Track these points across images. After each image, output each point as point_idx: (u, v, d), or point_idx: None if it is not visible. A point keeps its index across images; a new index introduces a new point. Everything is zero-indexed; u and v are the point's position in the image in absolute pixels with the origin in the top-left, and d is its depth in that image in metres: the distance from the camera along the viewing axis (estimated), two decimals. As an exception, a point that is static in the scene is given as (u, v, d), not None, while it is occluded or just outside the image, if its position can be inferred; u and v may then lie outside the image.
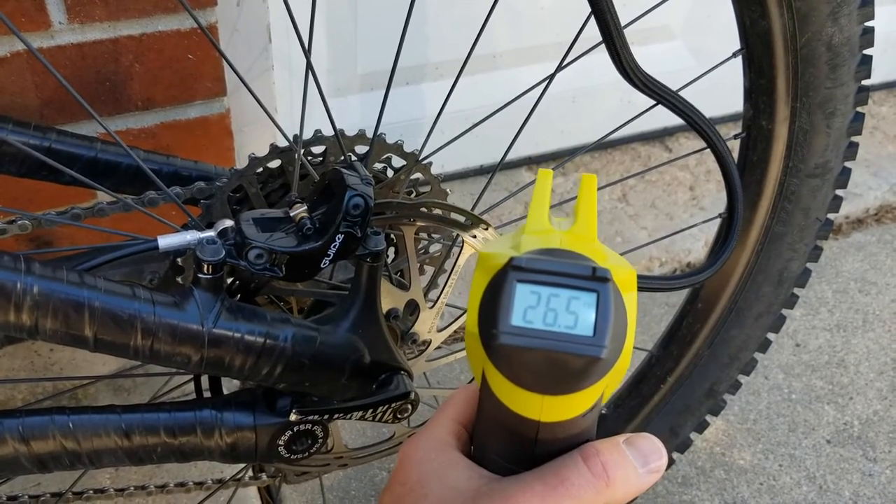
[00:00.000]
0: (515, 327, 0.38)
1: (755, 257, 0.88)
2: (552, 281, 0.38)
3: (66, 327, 0.52)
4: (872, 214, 1.66)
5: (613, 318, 0.38)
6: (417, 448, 0.46)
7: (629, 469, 0.42)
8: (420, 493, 0.43)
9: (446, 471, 0.44)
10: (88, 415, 0.59)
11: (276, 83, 1.12)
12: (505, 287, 0.38)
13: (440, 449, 0.46)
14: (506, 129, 0.83)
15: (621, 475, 0.41)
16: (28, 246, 0.99)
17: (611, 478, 0.41)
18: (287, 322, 0.60)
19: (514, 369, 0.39)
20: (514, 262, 0.38)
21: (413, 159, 0.73)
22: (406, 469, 0.45)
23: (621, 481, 0.41)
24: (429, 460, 0.45)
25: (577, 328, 0.37)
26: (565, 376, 0.38)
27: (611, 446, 0.42)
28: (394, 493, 0.45)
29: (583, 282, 0.38)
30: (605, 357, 0.37)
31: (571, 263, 0.39)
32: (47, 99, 0.87)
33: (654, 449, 0.43)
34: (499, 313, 0.38)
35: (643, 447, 0.43)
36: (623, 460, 0.42)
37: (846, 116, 0.81)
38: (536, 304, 0.38)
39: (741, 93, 0.82)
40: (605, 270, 0.38)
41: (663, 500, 1.17)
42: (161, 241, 0.57)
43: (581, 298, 0.38)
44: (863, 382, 1.34)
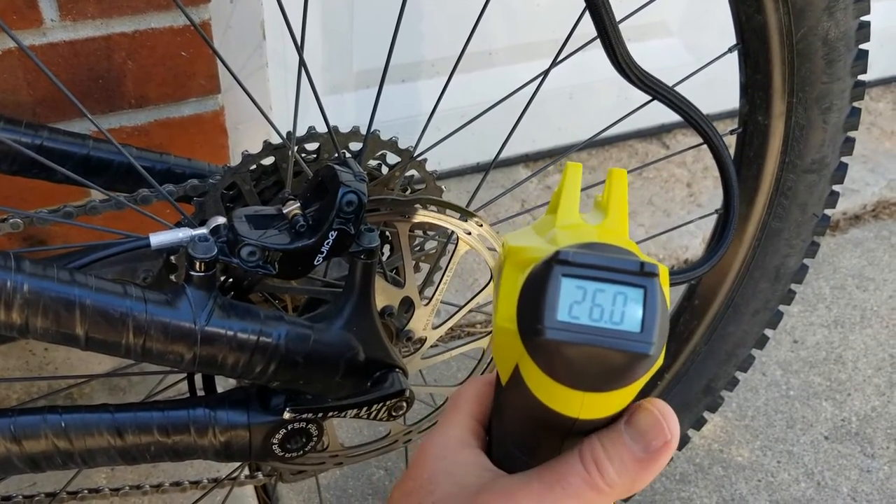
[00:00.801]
0: (561, 322, 0.37)
1: (752, 253, 0.88)
2: (598, 276, 0.37)
3: (56, 326, 0.52)
4: (870, 210, 1.65)
5: (660, 313, 0.37)
6: (433, 444, 0.46)
7: (628, 459, 0.40)
8: (428, 489, 0.43)
9: (458, 468, 0.44)
10: (81, 414, 0.59)
11: (271, 80, 1.12)
12: (550, 281, 0.37)
13: (456, 446, 0.45)
14: (502, 126, 0.83)
15: (618, 468, 0.40)
16: (20, 245, 0.98)
17: (607, 474, 0.40)
18: (280, 320, 0.59)
19: (556, 366, 0.38)
20: (561, 255, 0.37)
21: (407, 156, 0.72)
22: (420, 465, 0.45)
23: (620, 473, 0.40)
24: (442, 457, 0.44)
25: (624, 324, 0.37)
26: (610, 373, 0.37)
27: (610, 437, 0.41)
28: (404, 488, 0.45)
29: (630, 277, 0.37)
30: (653, 353, 0.37)
31: (618, 258, 0.38)
32: (40, 97, 0.87)
33: (652, 425, 0.40)
34: (543, 308, 0.37)
35: (642, 425, 0.40)
36: (621, 450, 0.40)
37: (843, 111, 0.80)
38: (582, 300, 0.37)
39: (737, 89, 0.81)
40: (653, 265, 0.37)
41: (661, 497, 1.17)
42: (153, 238, 0.57)
43: (628, 294, 0.37)
44: (860, 379, 1.34)
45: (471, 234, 0.67)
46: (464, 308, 0.71)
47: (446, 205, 0.66)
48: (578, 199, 0.44)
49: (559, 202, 0.44)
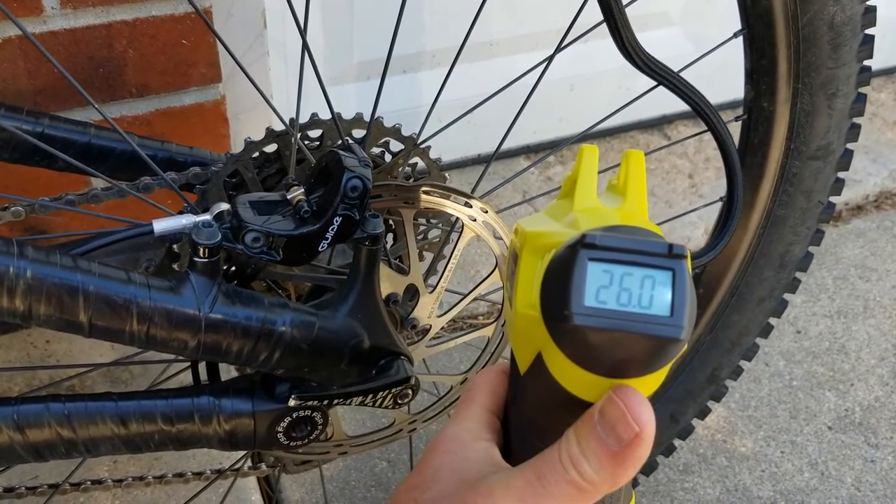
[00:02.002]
0: (589, 308, 0.36)
1: (757, 241, 0.87)
2: (625, 259, 0.36)
3: (60, 312, 0.51)
4: (872, 201, 1.65)
5: (689, 296, 0.36)
6: (444, 438, 0.45)
7: (603, 454, 0.38)
8: (429, 484, 0.43)
9: (463, 463, 0.43)
10: (84, 402, 0.58)
11: (272, 69, 1.11)
12: (576, 265, 0.36)
13: (466, 440, 0.44)
14: (503, 118, 0.82)
15: (594, 464, 0.38)
16: (22, 234, 0.98)
17: (584, 471, 0.38)
18: (285, 307, 0.59)
19: (583, 352, 0.37)
20: (587, 238, 0.36)
21: (411, 143, 0.72)
22: (428, 459, 0.44)
23: (597, 470, 0.38)
24: (451, 452, 0.44)
25: (654, 308, 0.36)
26: (639, 359, 0.37)
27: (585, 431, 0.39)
28: (409, 482, 0.44)
29: (658, 259, 0.36)
30: (683, 337, 0.36)
31: (645, 241, 0.37)
32: (40, 86, 0.86)
33: (619, 417, 0.38)
34: (570, 293, 0.36)
35: (610, 417, 0.38)
36: (596, 445, 0.38)
37: (848, 97, 0.80)
38: (609, 284, 0.36)
39: (739, 79, 0.81)
40: (681, 247, 0.36)
41: (665, 487, 1.17)
42: (156, 224, 0.56)
43: (656, 277, 0.36)
44: (864, 369, 1.34)
45: (476, 220, 0.67)
46: (469, 296, 0.71)
47: (451, 190, 0.65)
48: (596, 183, 0.44)
49: (576, 186, 0.43)
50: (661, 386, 1.00)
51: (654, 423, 0.38)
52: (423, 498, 0.42)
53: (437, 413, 0.76)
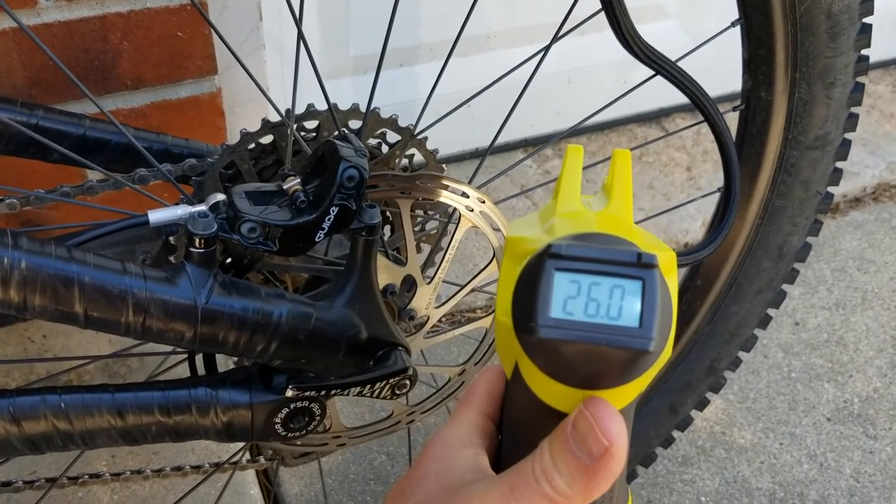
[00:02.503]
0: (555, 319, 0.35)
1: (755, 232, 0.87)
2: (593, 269, 0.36)
3: (55, 303, 0.51)
4: (870, 193, 1.65)
5: (660, 306, 0.35)
6: (435, 443, 0.45)
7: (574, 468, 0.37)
8: (414, 489, 0.42)
9: (449, 470, 0.43)
10: (81, 394, 0.58)
11: (268, 62, 1.11)
12: (543, 276, 0.36)
13: (456, 445, 0.44)
14: (500, 111, 0.82)
15: (567, 478, 0.37)
16: (17, 227, 0.97)
17: (556, 484, 0.38)
18: (282, 297, 0.59)
19: (553, 364, 0.37)
20: (553, 248, 0.36)
21: (408, 134, 0.71)
22: (418, 464, 0.44)
23: (570, 484, 0.37)
24: (439, 458, 0.44)
25: (622, 319, 0.35)
26: (609, 371, 0.36)
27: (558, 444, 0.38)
28: (399, 486, 0.44)
29: (627, 269, 0.36)
30: (653, 349, 0.35)
31: (614, 249, 0.36)
32: (35, 78, 0.86)
33: (588, 431, 0.37)
34: (536, 304, 0.35)
35: (582, 430, 0.37)
36: (568, 459, 0.37)
37: (846, 87, 0.79)
38: (577, 294, 0.36)
39: (735, 73, 0.80)
40: (651, 256, 0.36)
41: (663, 479, 1.17)
42: (152, 215, 0.56)
43: (625, 287, 0.35)
44: (862, 360, 1.34)
45: (473, 210, 0.66)
46: (466, 287, 0.71)
47: (448, 180, 0.65)
48: (580, 184, 0.43)
49: (559, 188, 0.43)
50: (659, 377, 1.00)
51: (625, 436, 0.37)
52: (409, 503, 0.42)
53: (435, 405, 0.76)
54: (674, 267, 0.39)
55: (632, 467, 1.06)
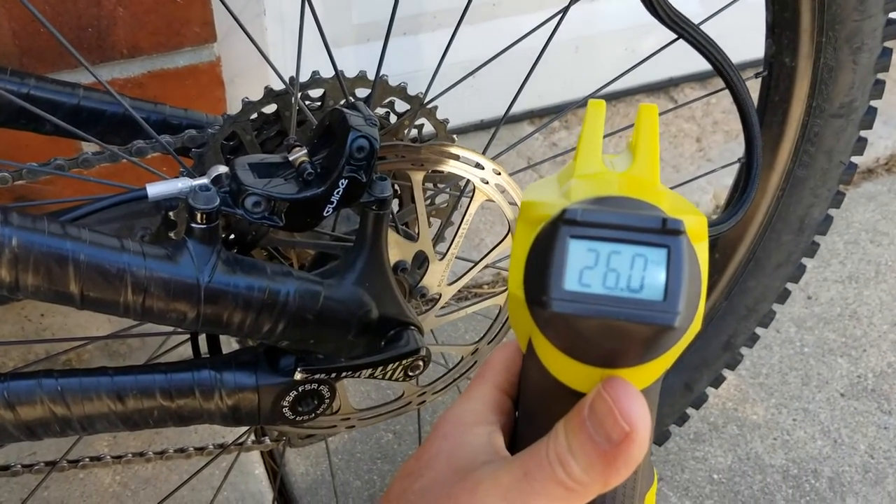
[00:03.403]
0: (570, 293, 0.32)
1: (775, 204, 0.84)
2: (613, 236, 0.32)
3: (49, 283, 0.48)
4: (883, 164, 1.62)
5: (687, 277, 0.32)
6: (446, 420, 0.42)
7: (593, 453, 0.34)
8: (423, 471, 0.40)
9: (460, 450, 0.40)
10: (78, 378, 0.55)
11: (268, 30, 1.07)
12: (556, 244, 0.32)
13: (469, 423, 0.41)
14: (506, 81, 0.78)
15: (583, 464, 0.34)
16: (9, 202, 0.94)
17: (572, 471, 0.35)
18: (289, 275, 0.56)
19: (568, 341, 0.34)
20: (567, 214, 0.32)
21: (417, 103, 0.68)
22: (428, 443, 0.41)
23: (586, 470, 0.34)
24: (447, 437, 0.41)
25: (645, 292, 0.32)
26: (630, 348, 0.33)
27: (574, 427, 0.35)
28: (407, 466, 0.41)
29: (650, 236, 0.32)
30: (678, 325, 0.32)
31: (636, 214, 0.33)
32: (26, 47, 0.83)
33: (606, 414, 0.34)
34: (550, 276, 0.32)
35: (600, 412, 0.34)
36: (585, 443, 0.34)
37: (873, 52, 0.76)
38: (595, 264, 0.32)
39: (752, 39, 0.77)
40: (678, 221, 0.32)
41: (675, 457, 1.15)
42: (150, 189, 0.53)
43: (648, 256, 0.32)
44: (876, 334, 1.31)
45: (488, 183, 0.63)
46: (480, 263, 0.68)
47: (462, 150, 0.62)
48: (601, 142, 0.39)
49: (578, 147, 0.39)
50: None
51: (647, 420, 0.34)
52: (414, 488, 0.39)
53: (446, 385, 0.74)
54: (704, 233, 0.35)
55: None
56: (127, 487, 1.04)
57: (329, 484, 1.08)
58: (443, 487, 0.38)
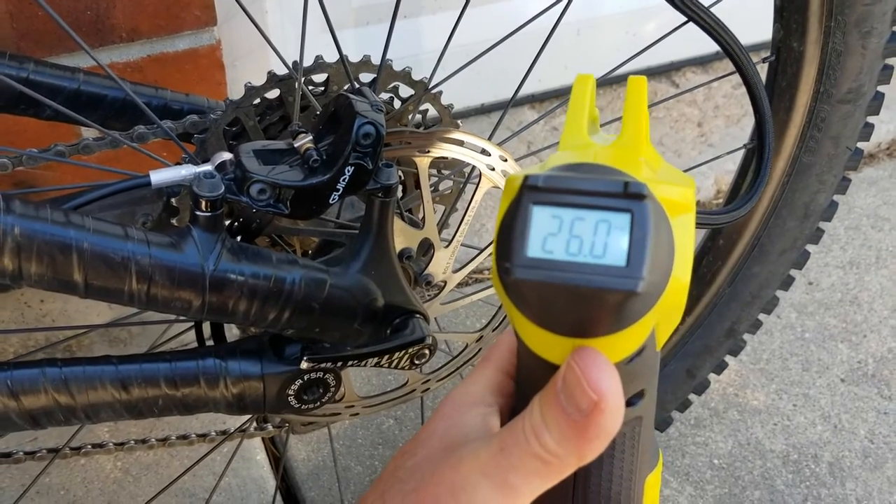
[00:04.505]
0: (532, 259, 0.32)
1: (781, 190, 0.84)
2: (576, 202, 0.32)
3: (52, 272, 0.47)
4: (885, 149, 1.61)
5: (652, 242, 0.31)
6: (448, 401, 0.42)
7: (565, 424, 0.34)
8: (418, 449, 0.40)
9: (455, 430, 0.40)
10: (82, 366, 0.55)
11: (269, 12, 1.06)
12: (520, 212, 0.32)
13: (468, 404, 0.41)
14: (506, 65, 0.77)
15: (556, 436, 0.34)
16: (9, 189, 0.93)
17: (546, 443, 0.35)
18: (294, 263, 0.55)
19: (536, 309, 0.33)
20: (529, 180, 0.32)
21: (422, 87, 0.67)
22: (428, 424, 0.42)
23: (560, 442, 0.34)
24: (448, 416, 0.41)
25: (607, 257, 0.31)
26: (598, 316, 0.32)
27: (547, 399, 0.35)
28: (405, 446, 0.42)
29: (612, 200, 0.32)
30: (643, 290, 0.31)
31: (598, 179, 0.32)
32: (24, 30, 0.81)
33: (575, 384, 0.33)
34: (513, 244, 0.32)
35: (569, 382, 0.34)
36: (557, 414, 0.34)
37: (882, 36, 0.76)
38: (558, 231, 0.32)
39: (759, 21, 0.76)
40: (641, 185, 0.31)
41: (676, 442, 1.15)
42: (153, 176, 0.52)
43: (612, 221, 0.31)
44: (877, 320, 1.31)
45: (494, 169, 0.63)
46: (486, 250, 0.67)
47: (469, 136, 0.61)
48: (586, 115, 0.39)
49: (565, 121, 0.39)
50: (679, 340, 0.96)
51: (618, 390, 0.33)
52: (406, 466, 0.40)
53: (450, 373, 0.73)
54: (688, 204, 0.35)
55: (647, 431, 1.04)
56: (128, 474, 1.04)
57: (331, 469, 1.08)
58: (429, 465, 0.38)
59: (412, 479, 0.39)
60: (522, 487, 0.35)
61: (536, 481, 0.35)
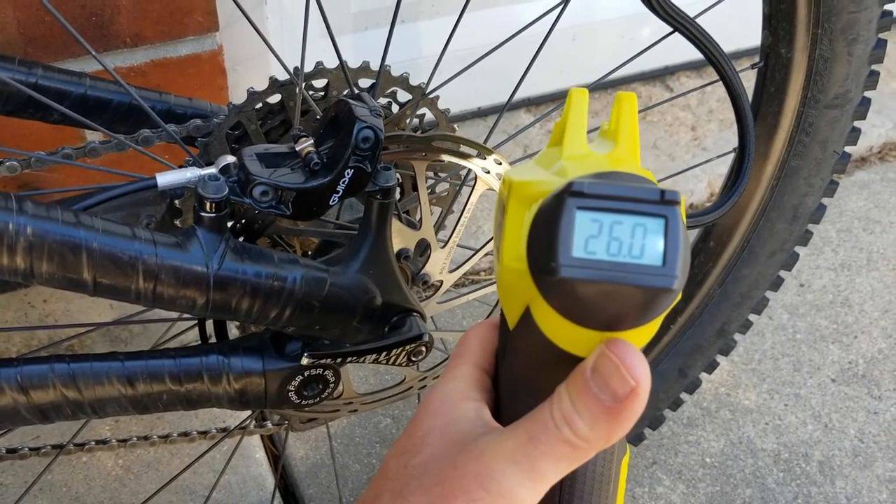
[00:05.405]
0: (577, 259, 0.34)
1: (770, 193, 0.86)
2: (615, 207, 0.35)
3: (63, 270, 0.49)
4: (876, 153, 1.63)
5: (683, 244, 0.35)
6: (433, 399, 0.44)
7: (597, 410, 0.37)
8: (419, 447, 0.41)
9: (452, 425, 0.42)
10: (90, 362, 0.56)
11: (269, 18, 1.08)
12: (563, 215, 0.35)
13: (455, 400, 0.43)
14: (502, 69, 0.79)
15: (588, 421, 0.37)
16: (18, 190, 0.95)
17: (578, 429, 0.37)
18: (295, 263, 0.57)
19: (572, 305, 0.36)
20: (575, 186, 0.35)
21: (419, 93, 0.69)
22: (418, 421, 0.43)
23: (592, 427, 0.37)
24: (440, 413, 0.43)
25: (645, 258, 0.35)
26: (630, 311, 0.36)
27: (578, 387, 0.37)
28: (400, 444, 0.43)
29: (649, 206, 0.35)
30: (676, 287, 0.35)
31: (636, 187, 0.35)
32: (31, 35, 0.83)
33: (613, 372, 0.36)
34: (557, 244, 0.35)
35: (604, 372, 0.37)
36: (589, 401, 0.37)
37: (868, 43, 0.77)
38: (598, 234, 0.35)
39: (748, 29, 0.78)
40: (674, 193, 0.35)
41: (668, 441, 1.17)
42: (160, 178, 0.54)
43: (647, 225, 0.35)
44: (867, 321, 1.33)
45: (489, 172, 0.64)
46: (482, 250, 0.69)
47: (464, 141, 0.63)
48: (585, 128, 0.42)
49: (565, 132, 0.41)
50: (670, 340, 0.98)
51: (649, 376, 0.37)
52: (413, 463, 0.41)
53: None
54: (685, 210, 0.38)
55: (639, 429, 1.05)
56: (129, 471, 1.06)
57: (329, 467, 1.09)
58: (445, 459, 0.40)
59: (429, 474, 0.40)
60: (550, 472, 0.38)
61: (563, 465, 0.38)
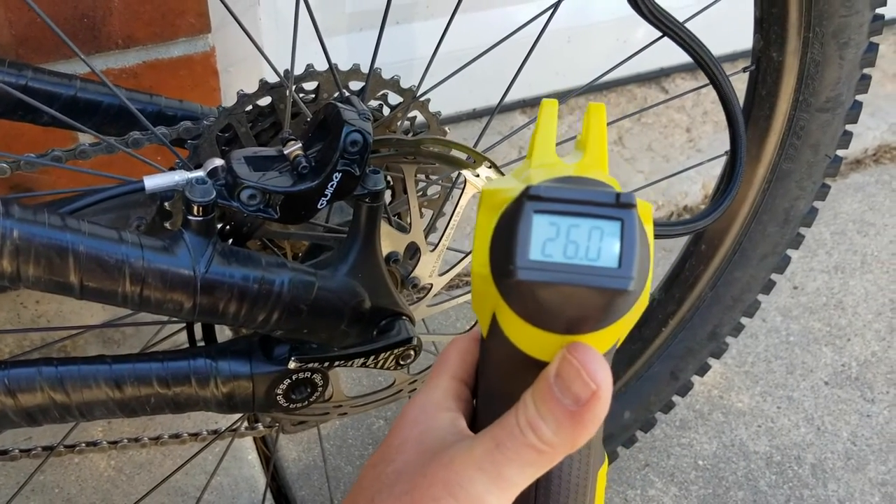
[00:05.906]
0: (534, 262, 0.35)
1: (761, 196, 0.86)
2: (572, 210, 0.35)
3: (49, 274, 0.49)
4: (871, 155, 1.63)
5: (639, 247, 0.35)
6: (410, 409, 0.44)
7: (561, 414, 0.37)
8: (394, 456, 0.42)
9: (428, 434, 0.42)
10: (77, 366, 0.56)
11: (262, 19, 1.07)
12: (521, 219, 0.35)
13: (433, 410, 0.43)
14: (498, 70, 0.79)
15: (553, 426, 0.37)
16: (7, 192, 0.95)
17: (543, 434, 0.37)
18: (283, 266, 0.57)
19: (532, 308, 0.36)
20: (531, 190, 0.35)
21: (410, 95, 0.69)
22: (395, 431, 0.44)
23: (556, 431, 0.37)
24: (416, 423, 0.43)
25: (601, 260, 0.35)
26: (589, 313, 0.36)
27: (541, 392, 0.37)
28: (376, 455, 0.43)
29: (605, 209, 0.35)
30: (632, 289, 0.35)
31: (592, 190, 0.36)
32: (22, 36, 0.83)
33: (574, 376, 0.36)
34: (515, 248, 0.35)
35: (566, 376, 0.37)
36: (553, 406, 0.37)
37: (860, 47, 0.78)
38: (556, 236, 0.35)
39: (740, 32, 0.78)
40: (630, 195, 0.35)
41: (661, 443, 1.17)
42: (147, 181, 0.54)
43: (604, 228, 0.35)
44: (861, 324, 1.33)
45: (479, 176, 0.65)
46: (470, 254, 0.69)
47: (454, 145, 0.63)
48: (554, 139, 0.42)
49: (534, 141, 0.42)
50: (662, 343, 0.99)
51: (610, 379, 0.37)
52: (387, 472, 0.41)
53: (437, 373, 0.75)
54: (650, 216, 0.39)
55: (631, 432, 1.05)
56: (122, 472, 1.06)
57: (321, 469, 1.09)
58: (416, 467, 0.40)
59: (400, 482, 0.40)
60: (517, 478, 0.38)
61: (530, 471, 0.38)
